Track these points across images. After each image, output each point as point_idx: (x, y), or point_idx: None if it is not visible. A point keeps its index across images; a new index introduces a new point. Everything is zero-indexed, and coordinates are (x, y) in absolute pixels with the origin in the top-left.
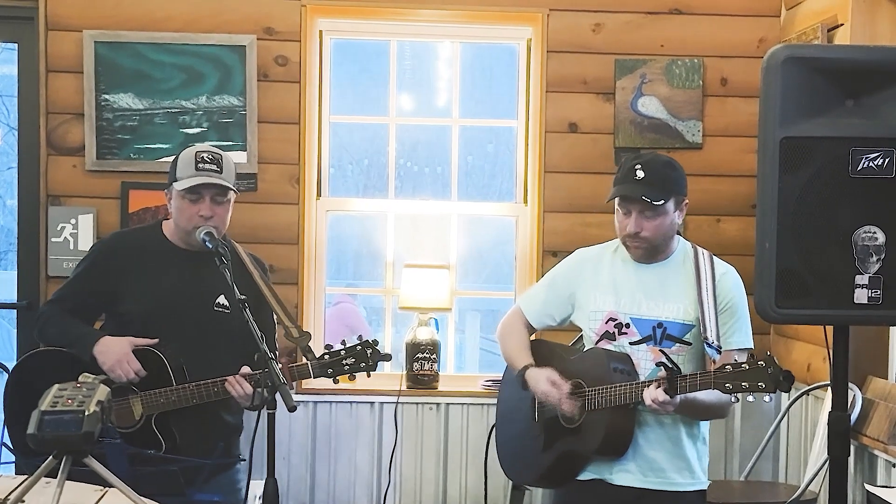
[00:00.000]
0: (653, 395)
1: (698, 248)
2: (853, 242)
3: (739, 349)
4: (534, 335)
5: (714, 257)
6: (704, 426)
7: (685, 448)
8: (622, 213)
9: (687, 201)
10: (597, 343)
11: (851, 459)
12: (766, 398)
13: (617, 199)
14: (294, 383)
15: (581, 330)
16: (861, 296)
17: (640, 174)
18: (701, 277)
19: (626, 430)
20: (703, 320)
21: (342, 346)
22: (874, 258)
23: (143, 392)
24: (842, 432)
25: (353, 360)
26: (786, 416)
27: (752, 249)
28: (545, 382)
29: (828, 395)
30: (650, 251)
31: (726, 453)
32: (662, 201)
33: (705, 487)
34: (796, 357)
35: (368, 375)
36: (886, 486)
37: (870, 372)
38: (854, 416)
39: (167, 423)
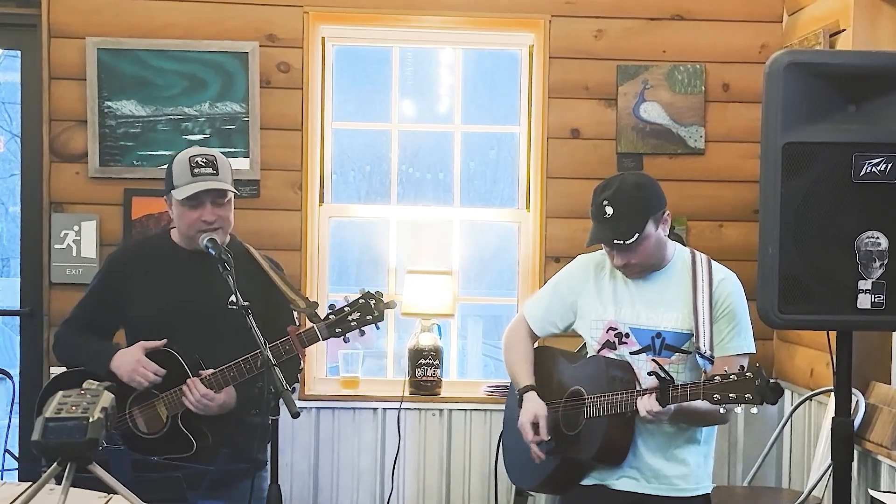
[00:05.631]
0: (647, 405)
1: (697, 253)
2: (856, 248)
3: (739, 354)
4: (538, 342)
5: (713, 262)
6: (708, 430)
7: (687, 453)
8: (605, 248)
9: (667, 212)
10: (598, 352)
11: (855, 465)
12: (754, 410)
13: None
14: (298, 385)
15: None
16: (864, 301)
17: (609, 210)
18: (697, 285)
19: (624, 438)
20: (696, 330)
21: (345, 303)
22: (877, 263)
23: (164, 393)
24: (845, 437)
25: (359, 314)
26: (789, 421)
27: (755, 255)
28: (530, 417)
29: (831, 401)
30: (646, 269)
31: (729, 459)
32: (636, 235)
33: (709, 492)
34: (799, 362)
35: (377, 328)
36: (890, 492)
37: (873, 377)
38: (857, 422)
39: (196, 422)
